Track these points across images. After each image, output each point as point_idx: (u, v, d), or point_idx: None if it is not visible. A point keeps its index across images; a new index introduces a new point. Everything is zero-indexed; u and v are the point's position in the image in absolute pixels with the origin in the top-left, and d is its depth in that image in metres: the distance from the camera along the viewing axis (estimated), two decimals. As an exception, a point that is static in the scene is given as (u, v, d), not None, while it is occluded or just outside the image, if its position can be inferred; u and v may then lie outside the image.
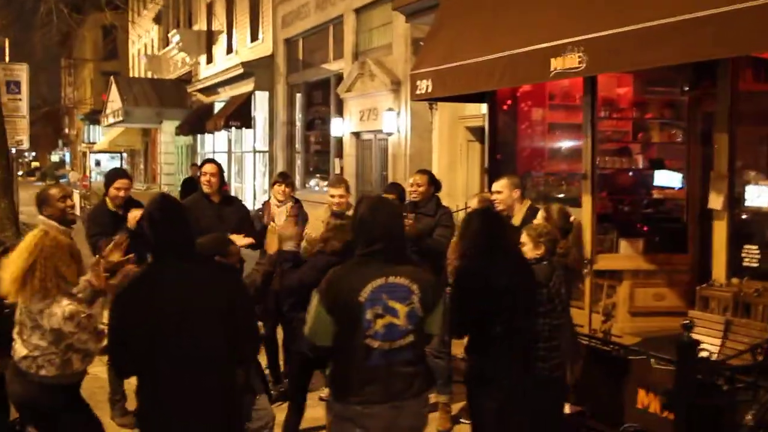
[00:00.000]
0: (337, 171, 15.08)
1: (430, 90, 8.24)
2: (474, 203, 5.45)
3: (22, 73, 10.95)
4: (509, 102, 9.21)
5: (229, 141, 22.10)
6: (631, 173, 7.99)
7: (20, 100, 10.92)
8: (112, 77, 28.88)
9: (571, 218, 5.07)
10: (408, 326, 3.27)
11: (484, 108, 10.36)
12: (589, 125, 7.33)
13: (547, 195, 8.32)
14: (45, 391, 3.88)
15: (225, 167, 20.30)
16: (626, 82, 8.01)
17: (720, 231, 6.09)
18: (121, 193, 5.73)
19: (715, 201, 6.01)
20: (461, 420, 5.61)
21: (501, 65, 7.01)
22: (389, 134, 12.32)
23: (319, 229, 6.07)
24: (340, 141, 14.75)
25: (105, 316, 3.82)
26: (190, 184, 18.62)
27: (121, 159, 46.17)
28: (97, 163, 52.02)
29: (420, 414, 3.44)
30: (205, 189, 6.13)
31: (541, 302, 3.99)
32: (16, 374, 3.92)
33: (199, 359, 3.17)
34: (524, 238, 4.23)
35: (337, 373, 3.35)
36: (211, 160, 6.44)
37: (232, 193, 15.91)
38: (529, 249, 4.19)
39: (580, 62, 6.09)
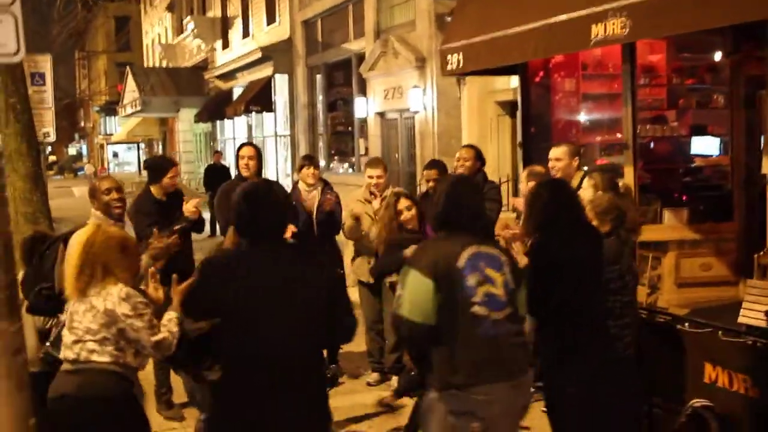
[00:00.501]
0: (362, 152, 14.95)
1: (461, 65, 8.07)
2: (524, 177, 5.31)
3: (46, 64, 10.84)
4: (541, 74, 9.02)
5: (249, 126, 21.99)
6: (671, 141, 7.82)
7: (45, 92, 10.82)
8: (128, 67, 28.81)
9: (620, 183, 4.92)
10: (505, 297, 3.13)
11: (514, 81, 10.20)
12: (629, 93, 7.14)
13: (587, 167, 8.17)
14: (102, 376, 3.52)
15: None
16: (662, 49, 7.82)
17: (775, 197, 5.89)
18: (175, 182, 5.65)
19: (768, 165, 5.81)
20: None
21: (536, 35, 6.83)
22: (416, 112, 12.16)
23: (358, 210, 5.99)
24: (364, 121, 14.61)
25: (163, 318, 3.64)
26: (214, 171, 18.57)
27: (138, 149, 46.49)
28: (115, 155, 52.43)
29: (529, 389, 3.32)
30: (244, 173, 5.96)
31: (612, 279, 3.84)
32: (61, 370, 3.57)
33: (290, 353, 3.01)
34: (589, 213, 4.07)
35: (443, 357, 3.07)
36: (249, 143, 6.28)
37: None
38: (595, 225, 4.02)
39: (622, 28, 5.93)
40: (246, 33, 21.58)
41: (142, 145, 44.74)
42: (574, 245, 3.56)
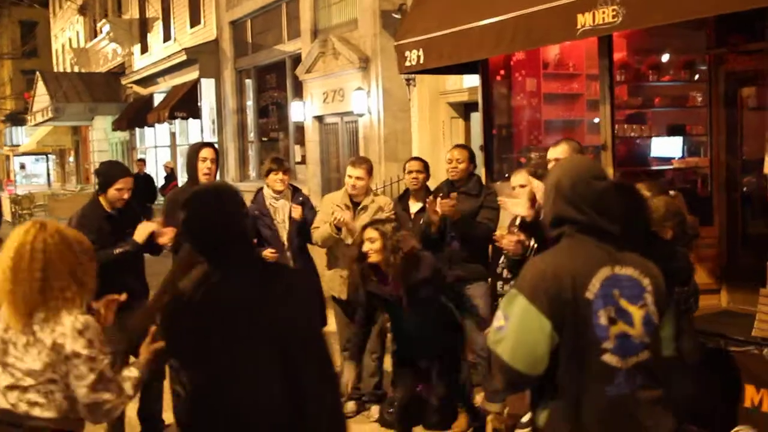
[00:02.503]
0: (298, 159, 14.20)
1: (422, 61, 7.50)
2: (519, 180, 4.70)
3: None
4: (502, 72, 8.55)
5: (173, 134, 20.91)
6: (646, 142, 7.42)
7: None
8: (38, 73, 27.19)
9: (672, 193, 4.37)
10: (644, 338, 2.34)
11: (467, 82, 9.69)
12: (607, 90, 6.72)
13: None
14: None
15: (171, 161, 19.35)
16: (637, 44, 7.43)
17: (778, 199, 5.49)
18: (124, 195, 4.80)
19: (772, 165, 5.41)
20: None
21: (512, 26, 6.33)
22: (359, 115, 11.50)
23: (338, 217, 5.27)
24: (300, 127, 13.85)
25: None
26: (137, 181, 17.43)
27: (47, 160, 44.36)
28: (22, 167, 50.00)
29: None
30: (203, 178, 5.13)
31: (678, 301, 3.26)
32: None
33: (239, 411, 2.36)
34: None
35: (555, 418, 2.30)
36: (209, 144, 5.45)
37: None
38: (654, 237, 3.45)
39: (614, 16, 5.47)
40: (167, 36, 20.54)
41: (53, 156, 42.71)
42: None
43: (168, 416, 5.17)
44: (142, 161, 17.15)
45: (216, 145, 15.31)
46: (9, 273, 2.68)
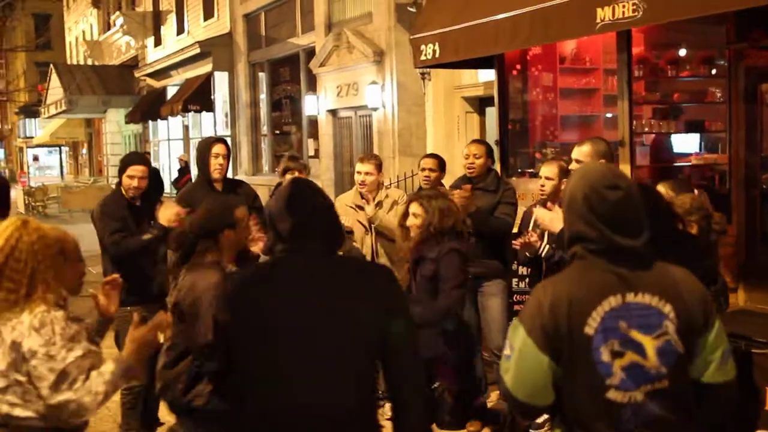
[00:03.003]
0: (311, 153, 14.16)
1: (437, 55, 7.43)
2: (547, 172, 4.60)
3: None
4: (518, 66, 8.47)
5: (186, 127, 20.92)
6: (665, 138, 7.34)
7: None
8: (51, 65, 27.24)
9: (695, 191, 4.30)
10: (661, 369, 2.15)
11: (482, 76, 9.62)
12: (626, 86, 6.64)
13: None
14: None
15: (185, 154, 19.36)
16: (656, 39, 7.34)
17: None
18: (135, 182, 4.74)
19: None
20: None
21: (529, 20, 6.25)
22: (373, 109, 11.45)
23: (348, 216, 5.21)
24: (314, 121, 13.81)
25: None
26: (153, 176, 17.43)
27: (60, 152, 44.48)
28: (35, 158, 50.16)
29: None
30: (215, 174, 5.09)
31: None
32: None
33: (317, 413, 2.25)
34: None
35: None
36: (221, 140, 5.37)
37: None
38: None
39: (635, 11, 5.39)
40: (181, 29, 20.53)
41: (66, 148, 42.82)
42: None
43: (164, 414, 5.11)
44: (148, 155, 17.14)
45: (228, 139, 15.40)
46: None
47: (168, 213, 4.48)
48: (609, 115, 7.51)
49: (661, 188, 4.14)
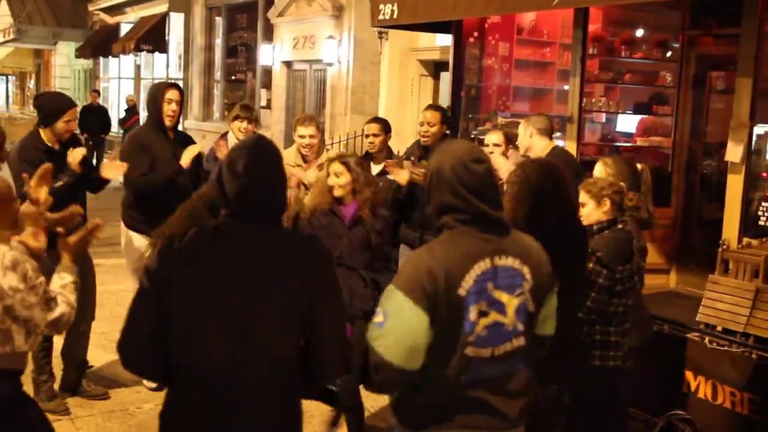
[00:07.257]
0: (263, 103, 13.95)
1: (395, 15, 7.34)
2: (495, 139, 4.57)
3: None
4: (476, 34, 8.42)
5: (138, 66, 20.40)
6: (612, 117, 7.42)
7: None
8: (0, -9, 26.21)
9: (639, 166, 4.34)
10: (517, 326, 2.34)
11: (439, 40, 9.55)
12: (579, 63, 6.67)
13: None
14: None
15: (133, 95, 18.94)
16: (613, 17, 7.36)
17: (735, 186, 5.51)
18: (72, 126, 4.68)
19: (734, 152, 5.41)
20: None
21: (489, -11, 6.20)
22: (329, 64, 11.31)
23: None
24: (268, 71, 13.59)
25: (54, 284, 2.90)
26: (90, 113, 17.05)
27: (7, 81, 43.06)
28: (-21, 86, 48.52)
29: None
30: (168, 121, 4.98)
31: (620, 281, 3.26)
32: None
33: (254, 366, 2.28)
34: (583, 197, 3.46)
35: (417, 402, 2.32)
36: (175, 85, 5.19)
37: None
38: (592, 208, 3.43)
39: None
40: (138, -36, 19.92)
41: (12, 78, 41.49)
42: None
43: (91, 357, 5.10)
44: (97, 92, 16.77)
45: (180, 83, 15.10)
46: None
47: (114, 173, 4.63)
48: (564, 88, 7.53)
49: (600, 164, 4.20)
